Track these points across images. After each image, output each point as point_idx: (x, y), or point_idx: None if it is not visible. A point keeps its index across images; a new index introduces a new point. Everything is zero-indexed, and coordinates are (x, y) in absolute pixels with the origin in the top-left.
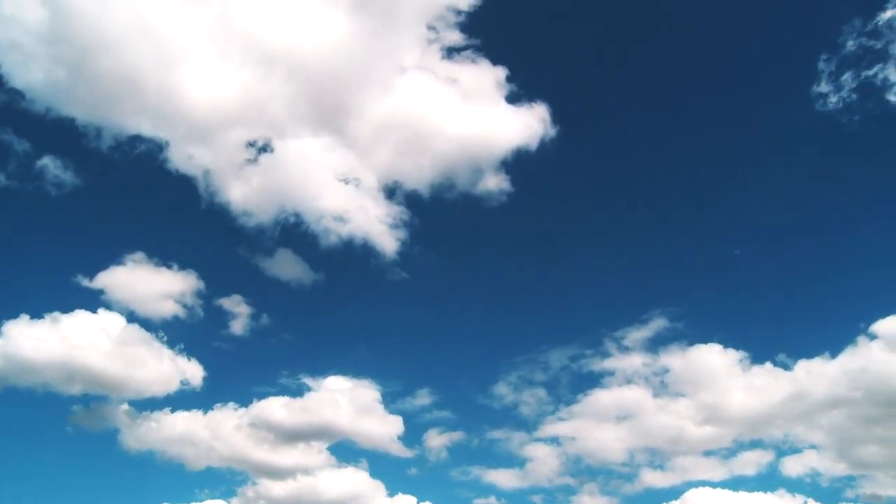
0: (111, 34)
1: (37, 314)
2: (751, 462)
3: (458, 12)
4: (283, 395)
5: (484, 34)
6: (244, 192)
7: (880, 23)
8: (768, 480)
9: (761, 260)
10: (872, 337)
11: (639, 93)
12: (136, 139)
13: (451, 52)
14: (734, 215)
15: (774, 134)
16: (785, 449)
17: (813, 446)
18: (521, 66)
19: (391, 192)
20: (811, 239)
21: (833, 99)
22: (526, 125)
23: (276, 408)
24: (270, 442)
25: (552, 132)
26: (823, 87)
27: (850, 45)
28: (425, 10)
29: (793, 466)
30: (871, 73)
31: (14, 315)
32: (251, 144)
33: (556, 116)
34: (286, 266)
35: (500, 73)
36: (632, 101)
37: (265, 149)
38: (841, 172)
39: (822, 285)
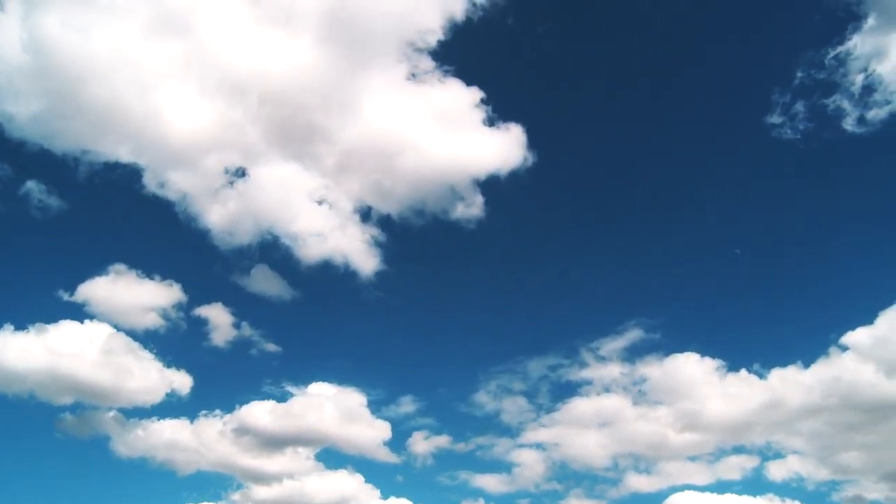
0: (90, 66)
1: (21, 325)
2: (735, 467)
3: (432, 35)
4: (269, 401)
5: (457, 57)
6: (222, 215)
7: (830, 56)
8: (753, 485)
9: (732, 272)
10: (844, 348)
11: (609, 117)
12: (117, 165)
13: (424, 75)
14: (707, 230)
15: (735, 158)
16: (769, 454)
17: (795, 452)
18: (495, 88)
19: (366, 213)
20: (781, 256)
21: (788, 129)
22: (500, 147)
23: (261, 414)
24: (257, 448)
25: (526, 153)
26: (777, 119)
27: (803, 76)
28: (399, 34)
29: (777, 471)
30: (825, 102)
31: None
32: (227, 170)
33: (531, 137)
34: (265, 283)
35: (475, 95)
36: (603, 124)
37: (240, 174)
38: (808, 194)
39: (793, 298)
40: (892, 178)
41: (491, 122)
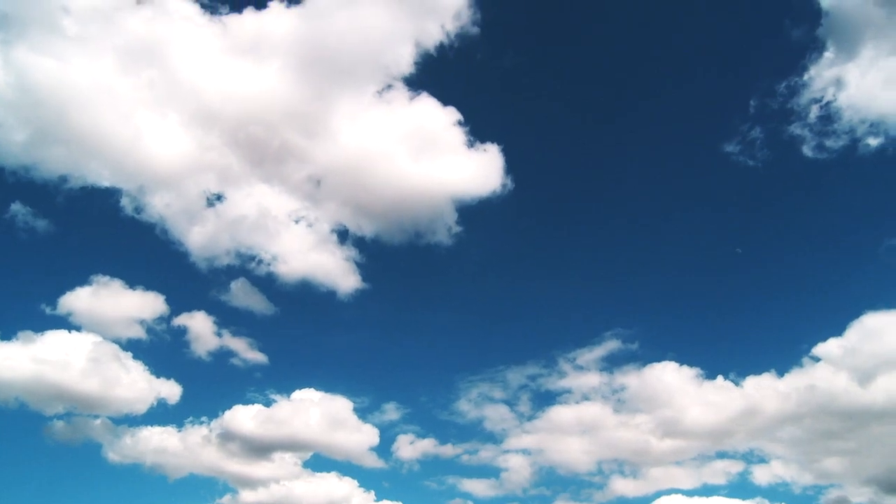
0: (70, 96)
1: (7, 335)
2: (720, 472)
3: (407, 59)
4: (255, 405)
5: (433, 81)
6: (201, 236)
7: (784, 86)
8: (739, 489)
9: (706, 285)
10: (816, 359)
11: (581, 140)
12: (98, 190)
13: (398, 97)
14: (680, 246)
15: (704, 178)
16: (752, 459)
17: (778, 457)
18: (473, 111)
19: (343, 234)
20: (752, 270)
21: (750, 157)
22: (478, 168)
23: (246, 420)
24: (245, 454)
25: (503, 174)
26: (735, 147)
27: (759, 105)
28: (374, 58)
29: (762, 475)
30: (784, 129)
31: None
32: (205, 193)
33: (508, 159)
34: (246, 298)
35: (452, 116)
36: (576, 147)
37: (218, 197)
38: (779, 212)
39: (766, 310)
40: (853, 201)
41: (470, 143)
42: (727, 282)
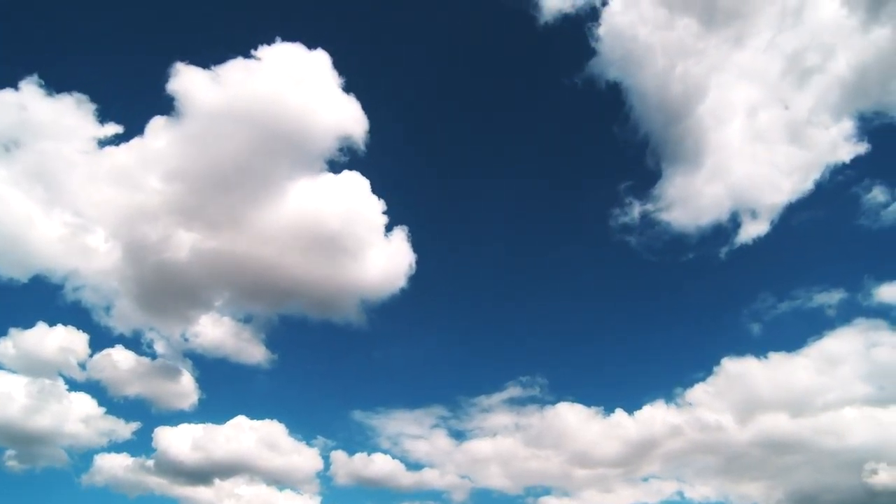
0: None
1: None
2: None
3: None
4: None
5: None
6: None
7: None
8: None
9: (591, 335)
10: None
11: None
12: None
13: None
14: (570, 309)
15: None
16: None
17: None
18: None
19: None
20: (625, 324)
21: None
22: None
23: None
24: (184, 479)
25: (411, 251)
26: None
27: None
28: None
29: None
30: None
31: None
32: None
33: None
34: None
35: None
36: (477, 226)
37: None
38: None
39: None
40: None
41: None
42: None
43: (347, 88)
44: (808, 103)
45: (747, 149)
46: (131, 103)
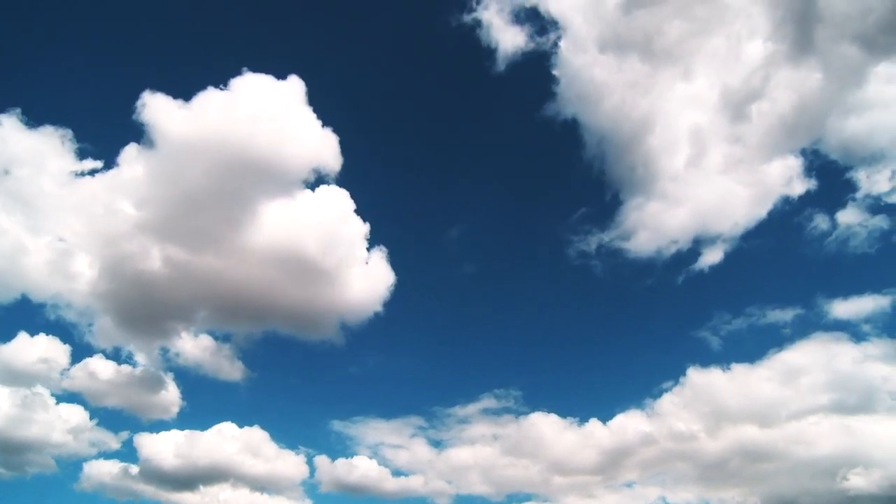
0: None
1: None
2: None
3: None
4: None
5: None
6: None
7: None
8: None
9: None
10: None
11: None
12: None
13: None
14: (541, 322)
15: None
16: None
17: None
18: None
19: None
20: (593, 337)
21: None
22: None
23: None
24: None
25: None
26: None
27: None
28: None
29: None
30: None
31: None
32: None
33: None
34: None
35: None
36: (456, 250)
37: None
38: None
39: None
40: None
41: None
42: (579, 348)
43: (321, 117)
44: (752, 137)
45: (697, 179)
46: (108, 133)
